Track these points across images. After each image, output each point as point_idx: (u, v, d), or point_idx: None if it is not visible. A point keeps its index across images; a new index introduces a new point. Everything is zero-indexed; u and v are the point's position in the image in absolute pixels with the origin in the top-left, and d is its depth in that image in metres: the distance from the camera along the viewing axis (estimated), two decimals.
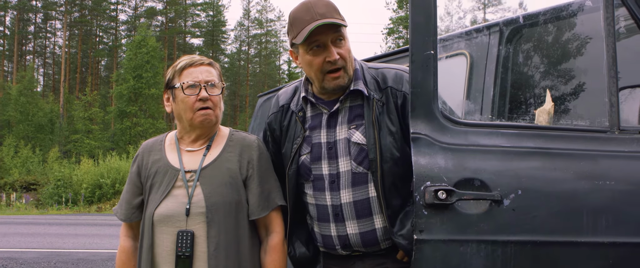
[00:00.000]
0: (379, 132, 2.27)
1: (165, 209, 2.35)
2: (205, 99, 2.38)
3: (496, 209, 1.94)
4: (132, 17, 66.15)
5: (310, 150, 2.41)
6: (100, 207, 31.09)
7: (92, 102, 53.76)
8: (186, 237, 2.30)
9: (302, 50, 2.32)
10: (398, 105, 2.30)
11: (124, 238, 2.55)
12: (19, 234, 15.36)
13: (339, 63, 2.28)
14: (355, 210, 2.33)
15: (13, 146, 42.82)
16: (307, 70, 2.36)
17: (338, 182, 2.35)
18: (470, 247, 1.93)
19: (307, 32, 2.20)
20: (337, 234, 2.38)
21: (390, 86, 2.33)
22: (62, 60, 61.23)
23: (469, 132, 2.07)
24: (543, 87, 3.00)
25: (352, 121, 2.35)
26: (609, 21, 2.06)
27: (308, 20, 2.22)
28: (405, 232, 2.24)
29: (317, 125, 2.42)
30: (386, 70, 2.40)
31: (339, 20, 2.24)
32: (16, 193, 33.20)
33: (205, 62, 2.46)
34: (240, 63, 69.16)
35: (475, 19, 48.73)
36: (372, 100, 2.31)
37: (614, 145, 2.01)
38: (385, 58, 3.79)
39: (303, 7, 2.28)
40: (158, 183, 2.41)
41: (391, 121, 2.28)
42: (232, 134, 2.53)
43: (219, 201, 2.33)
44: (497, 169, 1.99)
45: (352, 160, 2.32)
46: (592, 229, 1.90)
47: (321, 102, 2.42)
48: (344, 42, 2.31)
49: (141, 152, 2.56)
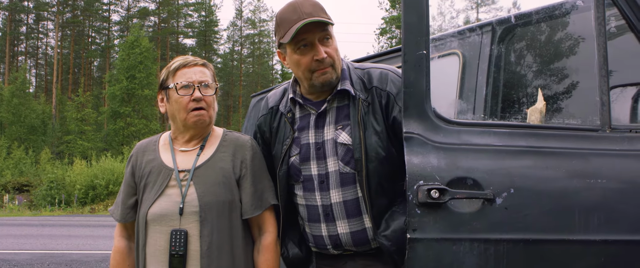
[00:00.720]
0: (364, 131, 2.28)
1: (159, 208, 2.36)
2: (199, 99, 2.39)
3: (489, 208, 1.95)
4: (125, 18, 65.96)
5: (299, 151, 2.42)
6: (94, 208, 30.98)
7: (85, 103, 53.59)
8: (180, 236, 2.31)
9: (289, 49, 2.33)
10: (382, 105, 2.31)
11: (119, 239, 2.57)
12: (12, 236, 15.29)
13: (327, 61, 2.29)
14: (345, 210, 2.35)
15: (5, 147, 42.64)
16: (295, 70, 2.37)
17: (327, 182, 2.36)
18: (463, 246, 1.94)
19: (294, 31, 2.22)
20: (328, 234, 2.40)
21: (375, 86, 2.34)
22: (55, 61, 61.00)
23: (461, 131, 2.08)
24: (535, 86, 3.02)
25: (339, 121, 2.36)
26: (600, 21, 2.07)
27: (295, 20, 2.24)
28: (389, 233, 2.26)
29: (305, 126, 2.43)
30: (372, 69, 2.41)
31: (326, 19, 2.25)
32: (9, 194, 33.03)
33: (199, 62, 2.47)
34: (233, 63, 69.07)
35: (469, 19, 48.83)
36: (358, 100, 2.32)
37: (605, 144, 2.03)
38: (378, 58, 3.80)
39: (289, 7, 2.30)
40: (152, 182, 2.43)
41: (376, 121, 2.29)
42: (226, 134, 2.55)
43: (212, 200, 2.34)
44: (489, 168, 2.00)
45: (339, 161, 2.33)
46: (584, 227, 1.92)
47: (309, 103, 2.44)
48: (331, 40, 2.33)
49: (135, 153, 2.58)
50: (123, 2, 66.32)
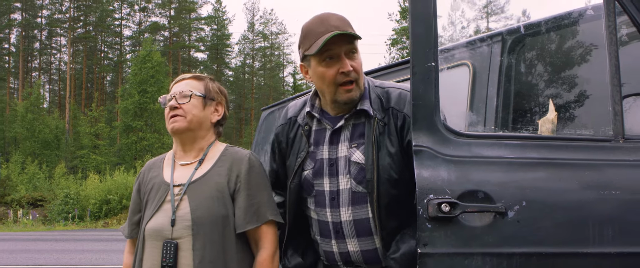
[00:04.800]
0: (378, 152, 2.26)
1: (154, 223, 2.39)
2: (173, 107, 2.46)
3: (501, 221, 1.92)
4: (136, 32, 66.45)
5: (313, 166, 2.40)
6: (107, 222, 31.10)
7: (98, 118, 53.93)
8: (170, 247, 2.32)
9: (314, 62, 2.31)
10: (398, 127, 2.29)
11: (127, 255, 2.63)
12: (26, 251, 15.38)
13: (352, 75, 2.28)
14: (355, 229, 2.32)
15: (20, 163, 42.92)
16: (319, 83, 2.35)
17: (338, 200, 2.34)
18: (475, 260, 1.91)
19: (322, 42, 2.20)
20: (338, 251, 2.38)
21: (392, 107, 2.32)
22: (68, 76, 61.47)
23: (471, 144, 2.05)
24: (546, 96, 2.98)
25: (354, 140, 2.34)
26: (611, 29, 2.04)
27: (322, 32, 2.23)
28: (398, 256, 2.23)
29: (320, 141, 2.42)
30: (391, 89, 2.39)
31: (353, 32, 2.25)
32: (23, 209, 33.21)
33: (187, 77, 2.57)
34: (244, 76, 69.33)
35: (479, 28, 48.72)
36: (374, 119, 2.30)
37: (618, 154, 1.99)
38: (388, 69, 3.79)
39: (317, 20, 2.29)
40: (152, 198, 2.47)
41: (391, 142, 2.27)
42: (226, 149, 2.55)
43: (205, 214, 2.34)
44: (501, 181, 1.97)
45: (351, 179, 2.31)
46: (598, 240, 1.88)
47: (326, 117, 2.42)
48: (357, 55, 2.32)
49: (143, 170, 2.63)
50: (134, 17, 66.95)
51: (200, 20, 67.18)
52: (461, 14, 58.32)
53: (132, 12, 66.93)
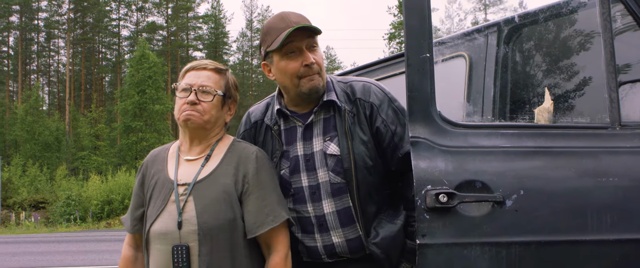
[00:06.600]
0: (351, 142, 2.32)
1: (159, 226, 2.29)
2: (192, 102, 2.32)
3: (499, 210, 1.92)
4: (134, 33, 66.34)
5: (289, 164, 2.42)
6: (110, 223, 31.08)
7: (98, 119, 53.88)
8: (181, 251, 2.23)
9: (277, 57, 2.34)
10: (367, 116, 2.35)
11: (126, 247, 2.54)
12: (29, 253, 15.39)
13: (315, 68, 2.32)
14: (338, 219, 2.36)
15: (21, 165, 42.91)
16: (282, 78, 2.37)
17: (319, 193, 2.37)
18: (474, 250, 1.91)
19: (284, 37, 2.25)
20: (322, 244, 2.40)
21: (359, 98, 2.38)
22: (67, 78, 61.42)
23: (468, 134, 2.05)
24: (542, 85, 2.98)
25: (327, 133, 2.38)
26: (606, 17, 2.05)
27: (283, 28, 2.28)
28: (378, 241, 2.30)
29: (292, 139, 2.44)
30: (354, 82, 2.46)
31: (313, 26, 2.29)
32: (25, 212, 33.22)
33: (209, 67, 2.41)
34: (243, 73, 69.28)
35: (477, 20, 48.68)
36: (343, 111, 2.35)
37: (615, 141, 2.00)
38: (383, 64, 3.79)
39: (277, 17, 2.35)
40: (155, 197, 2.36)
41: (363, 131, 2.34)
42: (233, 144, 2.44)
43: (211, 219, 2.24)
44: (498, 170, 1.98)
45: (329, 172, 2.35)
46: (597, 227, 1.89)
47: (295, 115, 2.44)
48: (318, 49, 2.37)
49: (146, 162, 2.52)
50: (132, 18, 66.83)
51: (198, 19, 67.09)
52: (458, 6, 58.26)
53: (129, 12, 66.88)
